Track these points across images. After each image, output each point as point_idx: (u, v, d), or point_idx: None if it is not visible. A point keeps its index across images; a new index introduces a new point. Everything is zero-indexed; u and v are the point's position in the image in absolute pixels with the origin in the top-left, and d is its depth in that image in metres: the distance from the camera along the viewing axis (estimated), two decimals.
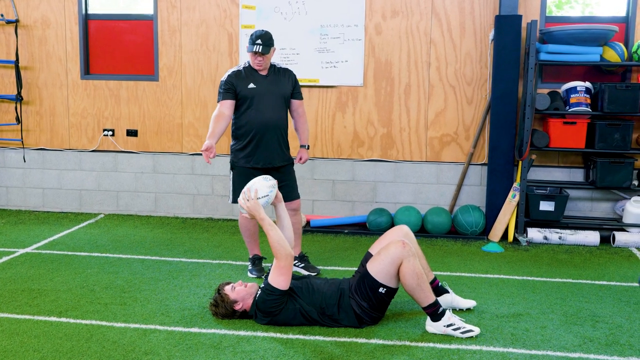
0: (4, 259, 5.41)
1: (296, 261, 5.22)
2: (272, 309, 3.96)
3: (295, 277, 4.25)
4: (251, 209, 4.09)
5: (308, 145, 5.23)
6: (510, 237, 6.22)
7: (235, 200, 5.12)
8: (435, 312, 3.92)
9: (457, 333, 3.88)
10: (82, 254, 5.61)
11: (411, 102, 6.59)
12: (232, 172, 5.09)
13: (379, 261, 3.95)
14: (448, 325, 3.89)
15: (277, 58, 6.62)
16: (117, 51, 7.08)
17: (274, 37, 4.98)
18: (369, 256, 4.28)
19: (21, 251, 5.66)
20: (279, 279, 3.93)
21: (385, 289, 3.94)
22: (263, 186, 4.17)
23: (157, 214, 7.13)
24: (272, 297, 3.94)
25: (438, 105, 6.58)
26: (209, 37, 6.82)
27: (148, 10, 6.95)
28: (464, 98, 6.53)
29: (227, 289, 4.09)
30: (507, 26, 6.11)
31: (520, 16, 6.08)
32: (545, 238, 6.16)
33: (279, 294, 3.93)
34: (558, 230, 6.20)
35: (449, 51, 6.50)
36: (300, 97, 5.14)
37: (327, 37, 6.61)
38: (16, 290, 4.62)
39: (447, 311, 3.95)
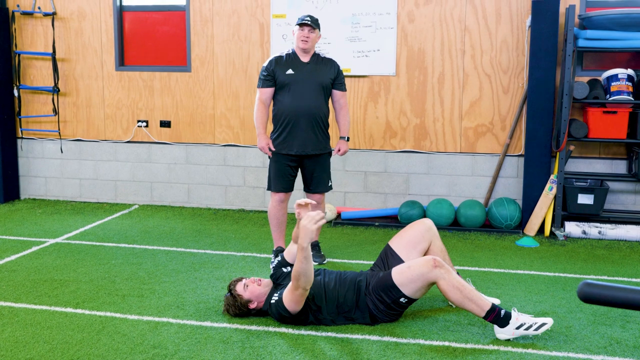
0: (34, 248, 5.49)
1: None
2: (285, 319, 3.85)
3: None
4: (307, 231, 3.47)
5: (348, 137, 5.17)
6: (547, 232, 5.99)
7: (269, 188, 5.09)
8: (497, 317, 3.64)
9: (530, 332, 3.62)
10: (110, 244, 5.65)
11: (445, 91, 6.41)
12: (270, 159, 5.10)
13: (408, 275, 3.76)
14: (519, 327, 3.63)
15: None
16: (150, 42, 7.11)
17: None
18: (388, 249, 4.16)
19: (51, 241, 5.73)
20: (292, 304, 3.72)
21: (406, 299, 3.79)
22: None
23: (189, 205, 7.14)
24: (284, 315, 3.80)
25: (473, 95, 6.37)
26: (240, 27, 6.77)
27: (181, 0, 6.94)
28: (499, 87, 6.31)
29: (239, 289, 3.93)
30: (544, 12, 5.86)
31: (558, 1, 5.82)
32: (584, 232, 5.91)
33: (291, 315, 3.78)
34: (598, 224, 5.94)
35: (484, 38, 6.28)
36: (342, 89, 5.10)
37: (358, 26, 6.48)
38: (39, 280, 4.67)
39: (513, 311, 3.67)
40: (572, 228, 5.94)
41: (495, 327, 3.68)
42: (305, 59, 4.97)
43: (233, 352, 3.51)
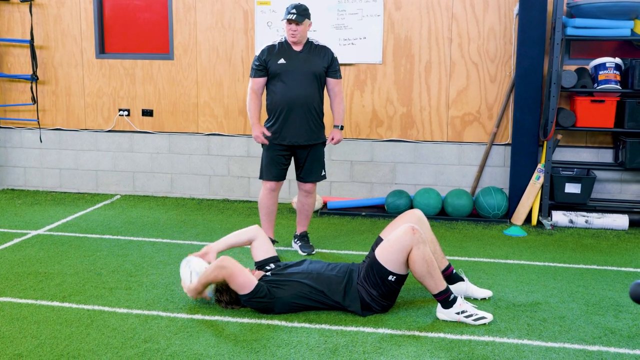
0: (15, 240, 5.36)
1: (296, 239, 5.21)
2: (263, 308, 3.85)
3: (293, 262, 4.15)
4: (193, 293, 3.96)
5: (342, 126, 5.09)
6: (534, 221, 5.99)
7: (261, 177, 5.03)
8: (446, 299, 3.77)
9: (469, 320, 3.73)
10: (94, 236, 5.53)
11: (432, 80, 6.36)
12: (263, 147, 5.05)
13: (388, 248, 3.80)
14: (459, 313, 3.75)
15: None
16: (131, 29, 6.96)
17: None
18: (379, 241, 4.12)
19: (33, 233, 5.60)
20: (238, 284, 3.81)
21: (394, 277, 3.79)
22: (183, 274, 4.05)
23: (173, 195, 7.03)
24: (254, 301, 3.84)
25: (460, 83, 6.33)
26: (224, 14, 6.65)
27: None
28: (487, 75, 6.28)
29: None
30: None
31: None
32: (571, 221, 5.92)
33: (254, 293, 3.80)
34: (585, 213, 5.95)
35: (472, 26, 6.24)
36: (336, 76, 5.01)
37: (344, 13, 6.40)
38: (22, 273, 4.55)
39: (459, 298, 3.81)
40: (559, 217, 5.94)
41: (439, 306, 3.80)
42: (297, 47, 4.90)
43: (226, 346, 3.44)
